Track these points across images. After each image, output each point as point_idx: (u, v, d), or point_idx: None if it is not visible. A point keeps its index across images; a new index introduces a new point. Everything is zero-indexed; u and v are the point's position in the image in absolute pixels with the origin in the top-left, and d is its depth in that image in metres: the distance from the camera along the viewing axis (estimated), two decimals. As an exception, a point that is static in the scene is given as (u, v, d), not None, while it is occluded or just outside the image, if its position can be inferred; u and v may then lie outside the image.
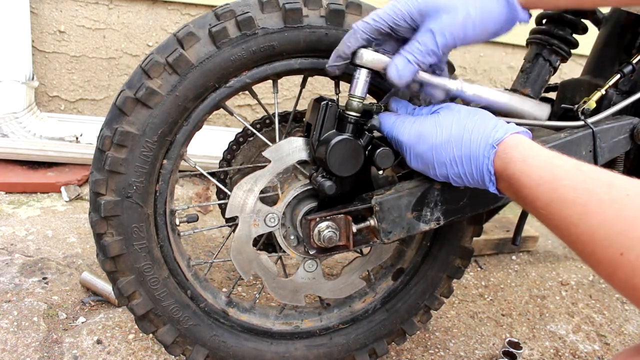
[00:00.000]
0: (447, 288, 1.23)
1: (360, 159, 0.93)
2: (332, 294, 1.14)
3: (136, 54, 2.36)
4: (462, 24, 0.80)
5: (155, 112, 0.92)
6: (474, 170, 0.79)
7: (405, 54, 0.83)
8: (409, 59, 0.83)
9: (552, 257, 2.15)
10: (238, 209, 1.00)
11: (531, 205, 0.71)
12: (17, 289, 1.48)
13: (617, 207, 0.58)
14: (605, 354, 1.55)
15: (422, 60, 0.83)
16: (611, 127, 1.06)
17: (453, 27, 0.80)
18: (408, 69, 0.83)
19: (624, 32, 1.20)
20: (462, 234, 1.18)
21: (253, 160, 1.27)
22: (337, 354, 1.19)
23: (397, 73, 0.84)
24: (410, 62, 0.83)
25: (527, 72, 1.19)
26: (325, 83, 2.57)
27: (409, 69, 0.83)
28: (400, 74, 0.83)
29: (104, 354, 1.28)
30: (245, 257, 1.04)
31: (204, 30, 0.92)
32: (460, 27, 0.80)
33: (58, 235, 1.81)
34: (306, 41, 0.95)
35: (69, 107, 2.39)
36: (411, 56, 0.83)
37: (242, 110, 2.53)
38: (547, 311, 1.74)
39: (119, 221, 0.95)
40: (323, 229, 0.96)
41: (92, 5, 2.24)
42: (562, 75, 2.87)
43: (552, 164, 0.70)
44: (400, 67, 0.83)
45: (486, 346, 1.51)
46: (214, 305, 1.11)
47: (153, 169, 0.95)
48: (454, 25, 0.80)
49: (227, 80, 0.96)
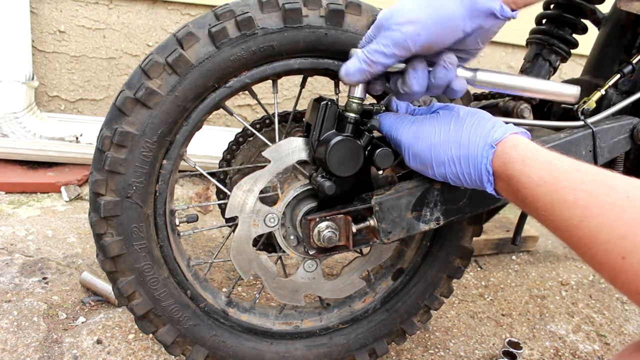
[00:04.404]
0: (447, 288, 1.23)
1: (360, 159, 0.93)
2: (332, 294, 1.14)
3: (136, 54, 2.36)
4: (411, 25, 0.78)
5: (154, 113, 0.92)
6: (472, 170, 0.79)
7: (357, 52, 0.84)
8: (360, 57, 0.83)
9: (552, 257, 2.15)
10: (238, 209, 1.00)
11: (531, 206, 0.71)
12: (17, 289, 1.48)
13: (617, 209, 0.58)
14: (605, 354, 1.55)
15: (371, 58, 0.82)
16: (611, 127, 1.06)
17: (404, 28, 0.79)
18: (355, 67, 0.83)
19: (624, 32, 1.20)
20: (462, 234, 1.18)
21: (253, 160, 1.27)
22: (337, 354, 1.19)
23: (344, 70, 0.85)
24: (360, 60, 0.83)
25: (527, 72, 1.19)
26: (325, 83, 2.56)
27: (356, 66, 0.83)
28: (346, 70, 0.84)
29: (104, 354, 1.28)
30: (245, 257, 1.04)
31: (204, 31, 0.92)
32: (412, 30, 0.79)
33: (58, 235, 1.81)
34: (306, 41, 0.95)
35: (69, 107, 2.39)
36: (361, 54, 0.83)
37: (242, 110, 2.53)
38: (547, 311, 1.74)
39: (118, 221, 0.95)
40: (323, 229, 0.96)
41: (92, 5, 2.24)
42: (562, 75, 2.87)
43: (552, 164, 0.69)
44: (349, 65, 0.84)
45: (486, 346, 1.51)
46: (214, 305, 1.11)
47: (153, 169, 0.95)
48: (405, 27, 0.79)
49: (226, 80, 0.96)
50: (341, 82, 1.07)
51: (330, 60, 0.99)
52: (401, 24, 0.78)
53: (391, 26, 0.79)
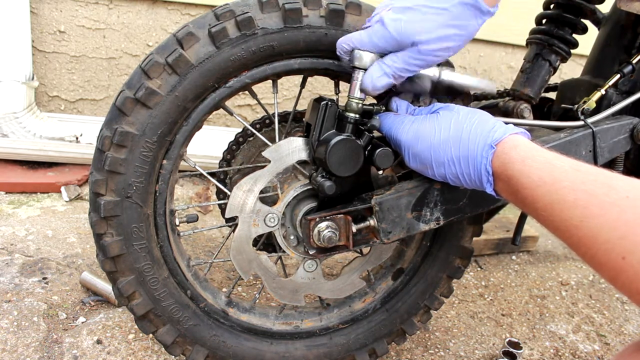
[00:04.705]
0: (447, 288, 1.23)
1: (360, 159, 0.93)
2: (332, 294, 1.14)
3: (136, 54, 2.36)
4: (435, 40, 0.82)
5: (154, 113, 0.92)
6: (471, 171, 0.79)
7: (381, 64, 0.85)
8: (388, 72, 0.85)
9: (552, 257, 2.15)
10: (238, 209, 1.00)
11: (531, 206, 0.71)
12: (17, 289, 1.48)
13: (617, 209, 0.58)
14: (605, 354, 1.55)
15: (400, 75, 0.85)
16: (611, 127, 1.06)
17: (439, 53, 0.83)
18: (384, 82, 0.86)
19: (624, 32, 1.20)
20: (462, 234, 1.18)
21: (253, 160, 1.27)
22: (337, 354, 1.19)
23: (372, 85, 0.86)
24: (388, 75, 0.85)
25: (527, 72, 1.19)
26: (325, 83, 2.56)
27: (385, 81, 0.85)
28: (374, 83, 0.86)
29: (104, 354, 1.28)
30: (245, 257, 1.04)
31: (204, 31, 0.92)
32: (446, 55, 0.84)
33: (58, 235, 1.81)
34: (306, 41, 0.95)
35: (69, 107, 2.39)
36: (387, 68, 0.85)
37: (242, 110, 2.53)
38: (547, 311, 1.74)
39: (118, 221, 0.95)
40: (323, 229, 0.96)
41: (92, 5, 2.24)
42: (562, 75, 2.87)
43: (551, 164, 0.69)
44: (375, 76, 0.86)
45: (486, 346, 1.51)
46: (214, 305, 1.11)
47: (153, 169, 0.95)
48: (440, 53, 0.83)
49: (226, 80, 0.96)
50: (341, 82, 1.08)
51: (330, 60, 0.99)
52: (438, 50, 0.82)
53: (424, 50, 0.81)
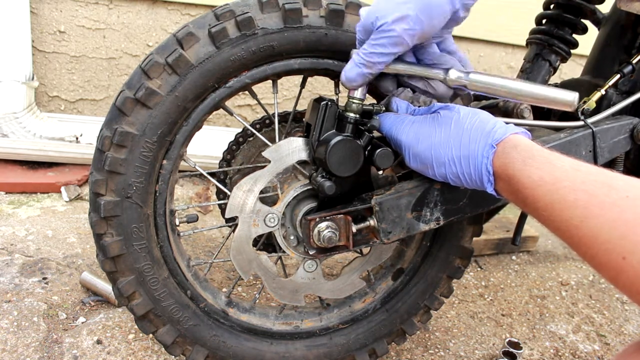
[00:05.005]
0: (447, 288, 1.23)
1: (360, 159, 0.93)
2: (332, 294, 1.14)
3: (136, 54, 2.36)
4: (403, 21, 0.79)
5: (154, 113, 0.92)
6: (472, 170, 0.79)
7: (353, 55, 0.85)
8: (357, 61, 0.84)
9: (552, 257, 2.15)
10: (238, 209, 1.00)
11: (532, 206, 0.71)
12: (17, 289, 1.48)
13: (617, 209, 0.58)
14: (605, 354, 1.55)
15: (370, 60, 0.83)
16: (611, 127, 1.06)
17: (398, 27, 0.79)
18: (355, 72, 0.85)
19: (624, 32, 1.20)
20: (462, 234, 1.18)
21: (253, 160, 1.27)
22: (337, 354, 1.19)
23: (344, 77, 0.86)
24: (357, 64, 0.84)
25: (527, 72, 1.19)
26: (325, 83, 2.56)
27: (356, 71, 0.84)
28: (346, 74, 0.86)
29: (104, 354, 1.28)
30: (245, 257, 1.04)
31: (204, 31, 0.92)
32: (405, 27, 0.80)
33: (58, 235, 1.81)
34: (306, 41, 0.95)
35: (69, 107, 2.39)
36: (357, 57, 0.84)
37: (242, 110, 2.53)
38: (547, 311, 1.74)
39: (118, 221, 0.95)
40: (323, 229, 0.96)
41: (92, 5, 2.24)
42: (562, 75, 2.87)
43: (552, 164, 0.69)
44: (347, 68, 0.85)
45: (486, 346, 1.51)
46: (214, 306, 1.11)
47: (153, 169, 0.95)
48: (398, 25, 0.79)
49: (226, 80, 0.96)
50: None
51: (330, 60, 0.99)
52: (393, 22, 0.79)
53: (382, 26, 0.80)
